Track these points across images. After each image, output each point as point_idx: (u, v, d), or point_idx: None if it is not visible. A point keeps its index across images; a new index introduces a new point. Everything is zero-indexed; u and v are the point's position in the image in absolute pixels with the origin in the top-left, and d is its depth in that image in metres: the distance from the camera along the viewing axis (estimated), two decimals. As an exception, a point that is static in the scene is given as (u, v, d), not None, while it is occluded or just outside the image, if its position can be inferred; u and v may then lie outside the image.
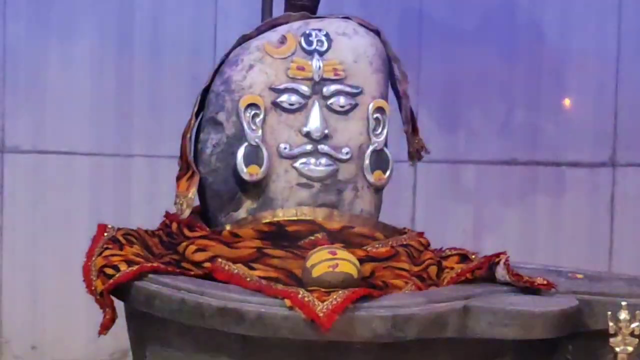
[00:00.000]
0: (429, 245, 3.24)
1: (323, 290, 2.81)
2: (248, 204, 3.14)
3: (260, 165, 3.09)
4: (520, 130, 4.99)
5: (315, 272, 2.87)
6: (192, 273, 2.97)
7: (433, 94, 4.91)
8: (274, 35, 3.17)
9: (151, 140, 4.74)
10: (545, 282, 3.04)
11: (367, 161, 3.16)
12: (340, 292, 2.80)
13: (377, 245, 3.11)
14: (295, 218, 3.11)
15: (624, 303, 2.85)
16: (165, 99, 4.75)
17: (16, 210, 4.77)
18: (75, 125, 4.79)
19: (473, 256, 3.20)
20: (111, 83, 4.80)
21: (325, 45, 3.17)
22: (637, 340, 2.84)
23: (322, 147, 3.13)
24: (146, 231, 3.22)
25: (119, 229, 3.17)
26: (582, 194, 5.06)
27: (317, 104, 3.13)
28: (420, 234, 3.27)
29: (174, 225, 3.15)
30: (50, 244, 4.70)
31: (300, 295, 2.79)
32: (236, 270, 2.95)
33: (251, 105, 3.11)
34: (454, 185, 4.96)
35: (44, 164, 4.79)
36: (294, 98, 3.13)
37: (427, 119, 4.77)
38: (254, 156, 3.09)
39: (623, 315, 2.84)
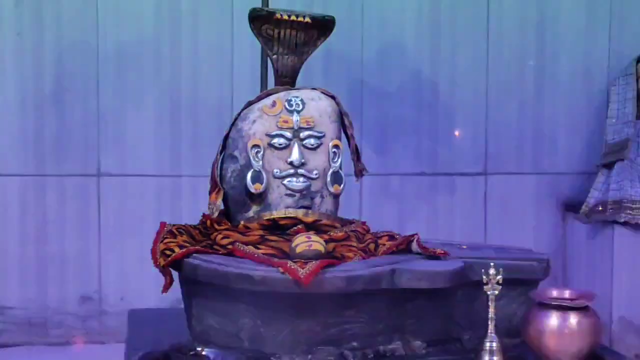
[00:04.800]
0: (369, 230, 3.23)
1: (303, 261, 2.82)
2: (254, 208, 3.11)
3: (261, 183, 3.07)
4: (426, 153, 4.92)
5: (298, 250, 2.88)
6: (220, 252, 2.96)
7: (371, 132, 4.84)
8: (268, 101, 3.15)
9: (194, 166, 4.68)
10: (442, 252, 3.04)
11: (328, 179, 3.13)
12: (313, 262, 2.81)
13: (336, 231, 3.10)
14: (284, 215, 3.08)
15: (492, 264, 2.84)
16: (202, 139, 4.68)
17: (110, 215, 4.71)
18: (143, 157, 4.74)
19: (397, 236, 3.17)
20: (166, 128, 4.73)
21: (301, 106, 3.14)
22: (500, 286, 2.80)
23: (300, 171, 3.11)
24: (191, 225, 3.19)
25: (173, 225, 3.14)
26: (466, 194, 4.98)
27: (296, 144, 3.11)
28: (364, 223, 3.25)
29: (208, 222, 3.14)
30: (132, 235, 4.63)
31: (288, 265, 2.80)
32: (248, 250, 2.94)
33: (255, 146, 3.09)
34: (385, 190, 4.89)
35: (125, 184, 4.74)
36: (282, 140, 3.11)
37: (367, 148, 4.71)
38: (257, 178, 3.07)
39: (492, 271, 2.82)
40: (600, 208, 4.69)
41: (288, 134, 3.11)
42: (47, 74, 4.63)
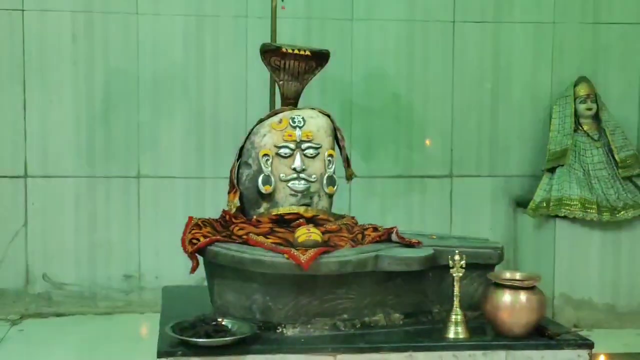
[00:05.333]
0: (357, 223, 3.19)
1: (304, 249, 2.80)
2: (265, 205, 3.07)
3: (270, 185, 3.03)
4: (403, 159, 4.87)
5: (300, 239, 2.86)
6: (237, 241, 2.92)
7: (359, 142, 4.84)
8: (276, 118, 3.12)
9: (215, 169, 4.66)
10: (416, 241, 3.01)
11: (324, 182, 3.09)
12: (312, 249, 2.79)
13: (330, 224, 3.06)
14: (289, 211, 3.04)
15: (457, 251, 2.82)
16: (222, 148, 4.67)
17: (147, 209, 4.70)
18: (174, 162, 4.73)
19: (380, 228, 3.13)
20: (192, 139, 4.73)
21: (303, 123, 3.10)
22: (463, 269, 2.79)
23: (302, 175, 3.07)
24: (213, 219, 3.15)
25: (199, 219, 3.10)
26: (435, 193, 4.96)
27: (299, 153, 3.07)
28: (353, 217, 3.22)
29: (227, 216, 3.10)
30: (165, 225, 4.63)
31: (292, 251, 2.78)
32: (259, 239, 2.91)
33: (265, 155, 3.05)
34: (370, 190, 4.87)
35: (159, 184, 4.72)
36: (287, 150, 3.07)
37: (355, 155, 4.72)
38: (267, 181, 3.03)
39: (457, 257, 2.81)
40: (545, 205, 4.68)
41: (292, 145, 3.07)
42: (97, 95, 4.64)
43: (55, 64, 4.59)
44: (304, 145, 3.09)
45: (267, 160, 3.05)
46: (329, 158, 3.12)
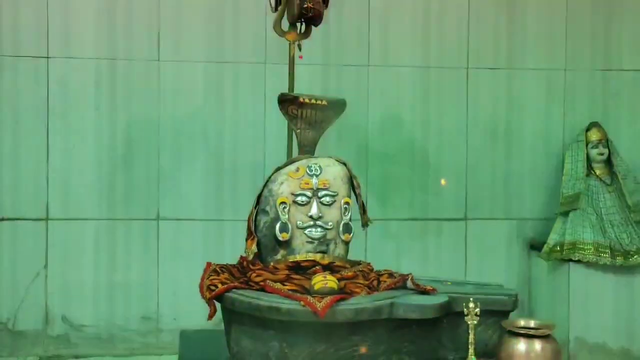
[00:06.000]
0: (373, 269, 3.18)
1: (320, 296, 2.80)
2: (282, 252, 3.07)
3: (287, 233, 3.03)
4: (418, 202, 4.86)
5: (316, 287, 2.86)
6: (254, 288, 2.93)
7: (375, 186, 4.82)
8: (293, 167, 3.13)
9: (234, 212, 4.66)
10: (431, 288, 3.01)
11: (340, 229, 3.09)
12: (328, 297, 2.79)
13: (346, 271, 3.05)
14: (305, 259, 3.04)
15: (471, 298, 2.82)
16: (240, 193, 4.67)
17: (166, 251, 4.70)
18: (193, 205, 4.73)
19: (395, 274, 3.13)
20: (212, 183, 4.73)
21: (319, 171, 3.11)
22: (478, 317, 2.78)
23: (318, 223, 3.07)
24: (231, 265, 3.16)
25: (217, 264, 3.12)
26: (450, 236, 4.92)
27: (315, 201, 3.07)
28: (369, 264, 3.20)
29: (245, 263, 3.11)
30: (184, 267, 4.61)
31: (308, 299, 2.79)
32: (276, 286, 2.91)
33: (282, 202, 3.06)
34: (386, 232, 4.83)
35: (179, 226, 4.72)
36: (304, 198, 3.07)
37: (372, 198, 4.70)
38: (284, 228, 3.03)
39: (471, 304, 2.80)
40: (558, 248, 4.66)
41: (309, 194, 3.07)
42: (119, 139, 4.65)
43: (79, 109, 4.62)
44: (320, 193, 3.08)
45: (285, 207, 3.05)
46: (345, 206, 3.10)
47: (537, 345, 2.75)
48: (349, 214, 3.11)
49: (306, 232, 3.06)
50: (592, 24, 5.00)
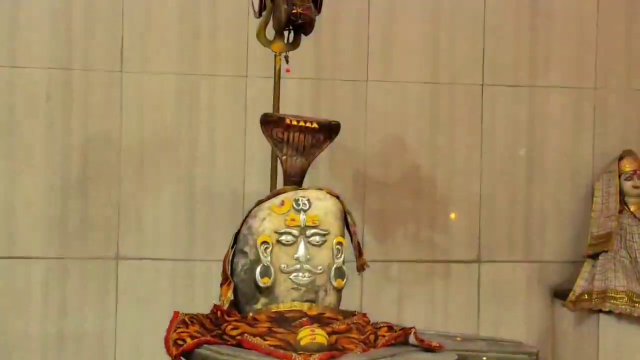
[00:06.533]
0: (369, 322, 3.18)
1: (307, 353, 2.81)
2: (263, 300, 3.08)
3: (269, 277, 3.05)
4: (424, 240, 4.84)
5: (302, 342, 2.86)
6: (229, 343, 2.94)
7: (373, 220, 4.78)
8: (277, 200, 3.15)
9: (207, 251, 4.59)
10: (437, 345, 2.99)
11: (332, 274, 3.11)
12: (317, 354, 2.81)
13: (338, 324, 3.05)
14: (290, 308, 3.06)
15: (484, 358, 2.84)
16: (215, 227, 4.60)
17: (126, 296, 4.63)
18: (159, 242, 4.66)
19: (396, 327, 3.12)
20: (182, 216, 4.66)
21: (308, 205, 3.13)
22: None
23: (306, 266, 3.09)
24: (203, 315, 3.16)
25: (186, 314, 3.13)
26: (461, 281, 4.89)
27: (302, 240, 3.10)
28: (364, 315, 3.21)
29: (219, 313, 3.11)
30: (146, 315, 4.55)
31: (293, 357, 2.81)
32: (255, 341, 2.90)
33: (264, 242, 3.08)
34: (385, 276, 4.78)
35: (141, 267, 4.66)
36: (289, 237, 3.10)
37: (369, 235, 4.70)
38: (266, 272, 3.06)
39: (483, 364, 2.81)
40: (586, 297, 4.68)
41: (295, 232, 3.10)
42: (73, 163, 4.62)
43: (26, 127, 4.59)
44: (309, 232, 3.10)
45: (267, 248, 3.07)
46: (338, 246, 3.12)
47: (563, 414, 2.69)
48: (342, 256, 3.13)
49: (291, 277, 3.07)
50: (627, 35, 5.03)
